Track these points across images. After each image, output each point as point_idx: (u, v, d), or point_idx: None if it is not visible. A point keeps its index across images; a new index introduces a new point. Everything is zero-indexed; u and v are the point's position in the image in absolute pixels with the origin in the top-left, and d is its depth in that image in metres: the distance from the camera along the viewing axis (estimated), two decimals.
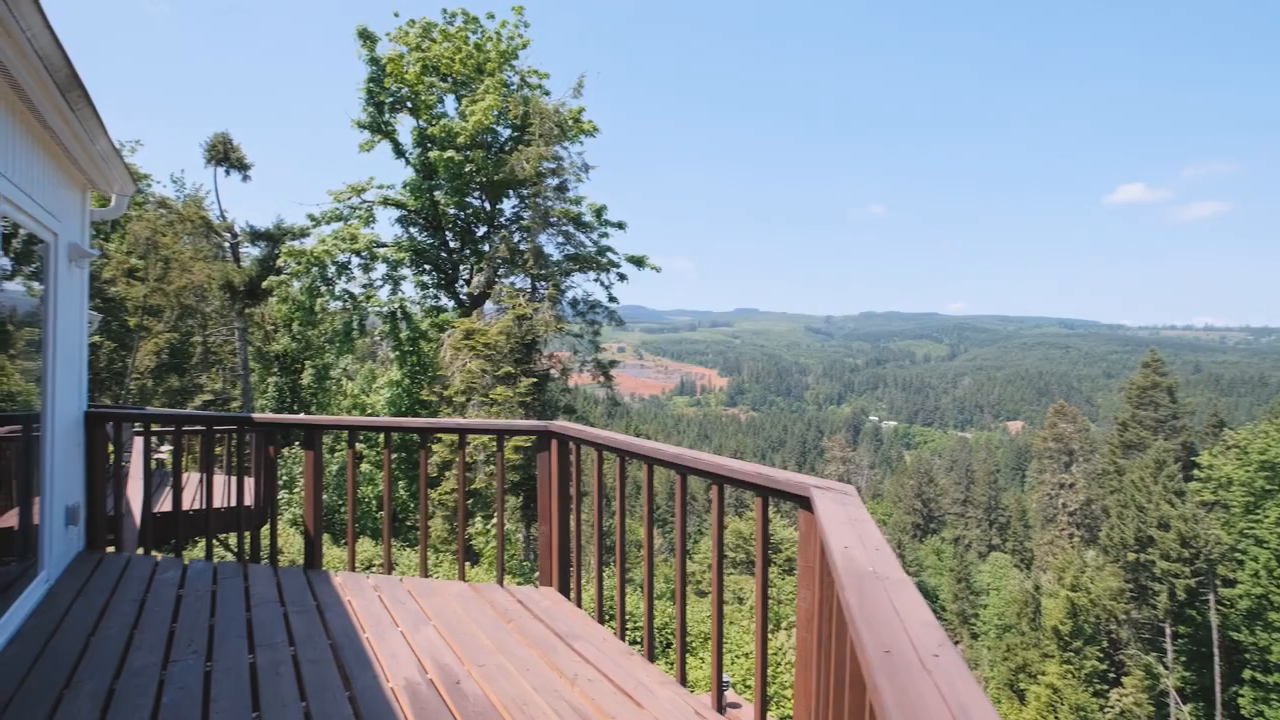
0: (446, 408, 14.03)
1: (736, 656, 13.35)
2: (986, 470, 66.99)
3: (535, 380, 14.24)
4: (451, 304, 18.58)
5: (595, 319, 17.40)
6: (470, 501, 14.67)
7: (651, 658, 3.52)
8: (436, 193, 17.53)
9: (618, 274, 17.75)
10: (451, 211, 17.99)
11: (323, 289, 16.66)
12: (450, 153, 15.78)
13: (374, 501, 17.09)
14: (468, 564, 12.68)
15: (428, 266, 18.40)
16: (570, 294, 17.01)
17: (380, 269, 17.36)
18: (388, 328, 17.63)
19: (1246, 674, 27.71)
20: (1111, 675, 31.52)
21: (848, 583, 1.37)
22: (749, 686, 10.74)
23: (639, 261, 18.23)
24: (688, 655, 12.25)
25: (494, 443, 12.82)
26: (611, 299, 17.78)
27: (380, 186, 17.71)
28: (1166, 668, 29.71)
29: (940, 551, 56.41)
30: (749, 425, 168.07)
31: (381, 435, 5.84)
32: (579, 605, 4.31)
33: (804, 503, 2.36)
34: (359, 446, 17.73)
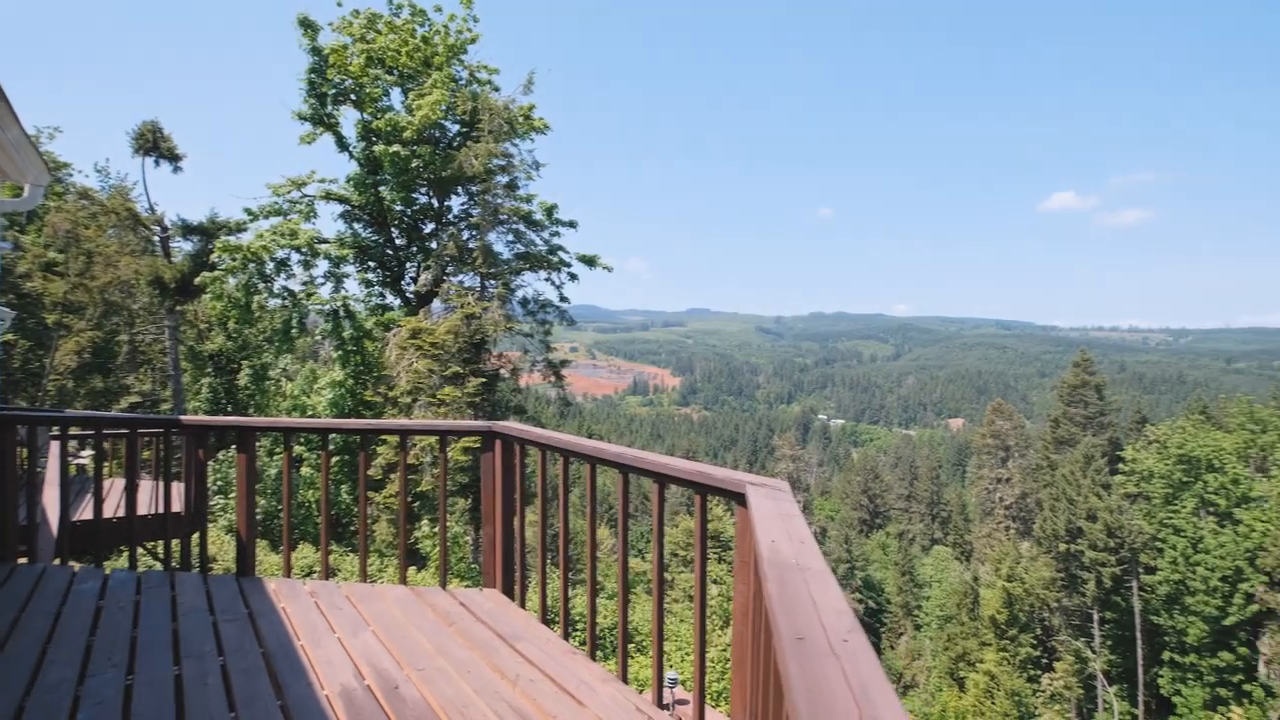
0: (392, 409, 13.71)
1: (689, 654, 13.45)
2: (929, 466, 69.24)
3: (484, 380, 14.05)
4: (397, 302, 18.15)
5: (546, 318, 17.28)
6: (416, 504, 14.39)
7: (594, 656, 3.53)
8: (382, 188, 17.11)
9: (569, 273, 17.67)
10: (397, 208, 17.58)
11: (260, 286, 16.04)
12: (396, 147, 15.41)
13: (316, 506, 16.56)
14: (414, 568, 12.43)
15: (372, 264, 17.93)
16: (520, 293, 16.87)
17: (322, 266, 16.85)
18: (330, 326, 17.10)
19: (1166, 655, 29.42)
20: (1044, 661, 33.00)
21: (770, 574, 1.40)
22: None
23: (590, 261, 18.18)
24: (639, 654, 12.28)
25: (440, 444, 12.64)
26: (563, 298, 17.70)
27: (322, 181, 17.17)
28: (1094, 652, 31.29)
29: (885, 546, 57.99)
30: (701, 424, 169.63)
31: (320, 437, 5.68)
32: (523, 606, 4.28)
33: (740, 499, 2.40)
34: (299, 449, 17.23)
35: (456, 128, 17.29)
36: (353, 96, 16.77)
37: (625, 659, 3.28)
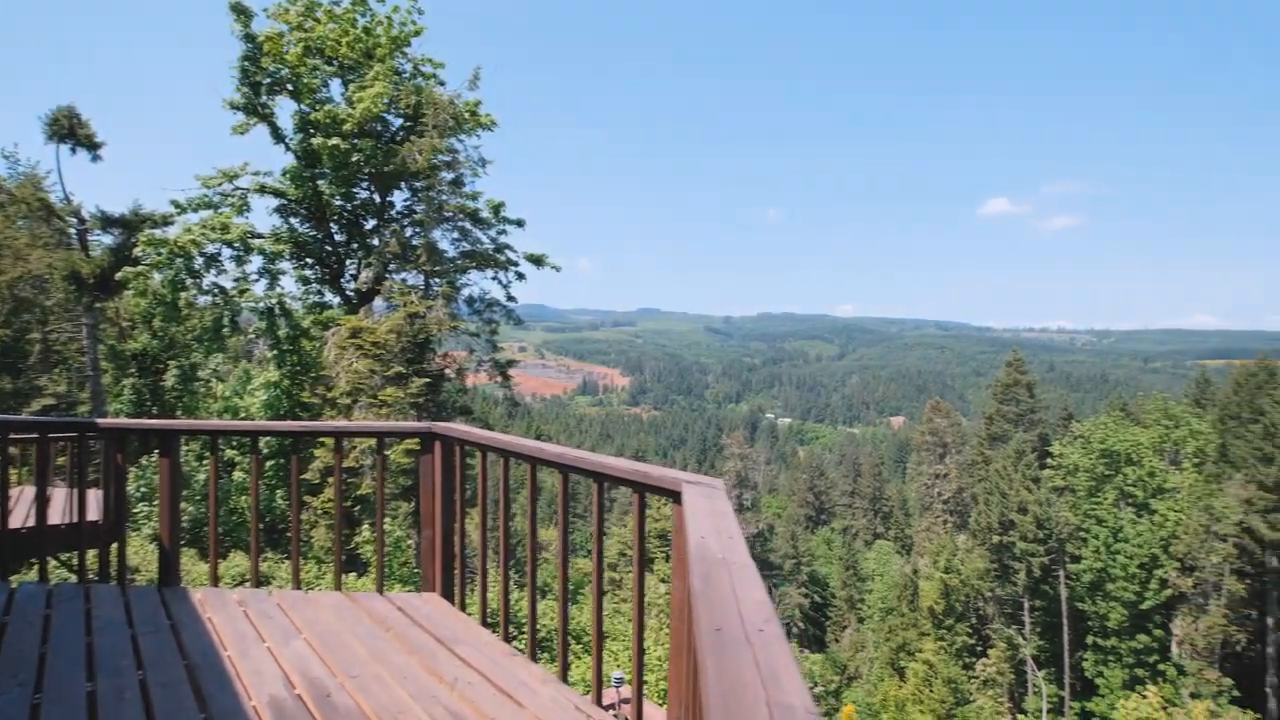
0: (330, 410, 13.29)
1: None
2: (872, 463, 71.28)
3: (428, 381, 13.78)
4: (337, 300, 17.60)
5: (493, 318, 17.05)
6: (357, 509, 14.01)
7: (535, 658, 3.51)
8: (320, 182, 16.56)
9: (516, 272, 17.49)
10: (337, 202, 17.05)
11: (189, 282, 15.31)
12: (336, 140, 14.94)
13: (250, 512, 15.85)
14: (354, 575, 12.11)
15: (310, 260, 17.33)
16: (466, 292, 16.58)
17: (256, 261, 16.18)
18: (264, 325, 16.45)
19: (1089, 639, 31.09)
20: (979, 649, 34.41)
21: (696, 569, 1.43)
22: (645, 681, 10.89)
23: (538, 260, 18.04)
24: (587, 655, 12.26)
25: (378, 446, 12.32)
26: (510, 298, 17.50)
27: (256, 173, 16.51)
28: (1024, 638, 32.79)
29: (830, 541, 59.42)
30: (651, 424, 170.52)
31: (251, 440, 5.46)
32: (463, 610, 4.23)
33: (676, 497, 2.44)
34: (231, 453, 16.53)
35: (400, 122, 16.89)
36: (289, 86, 16.16)
37: (566, 659, 3.28)
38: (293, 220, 17.08)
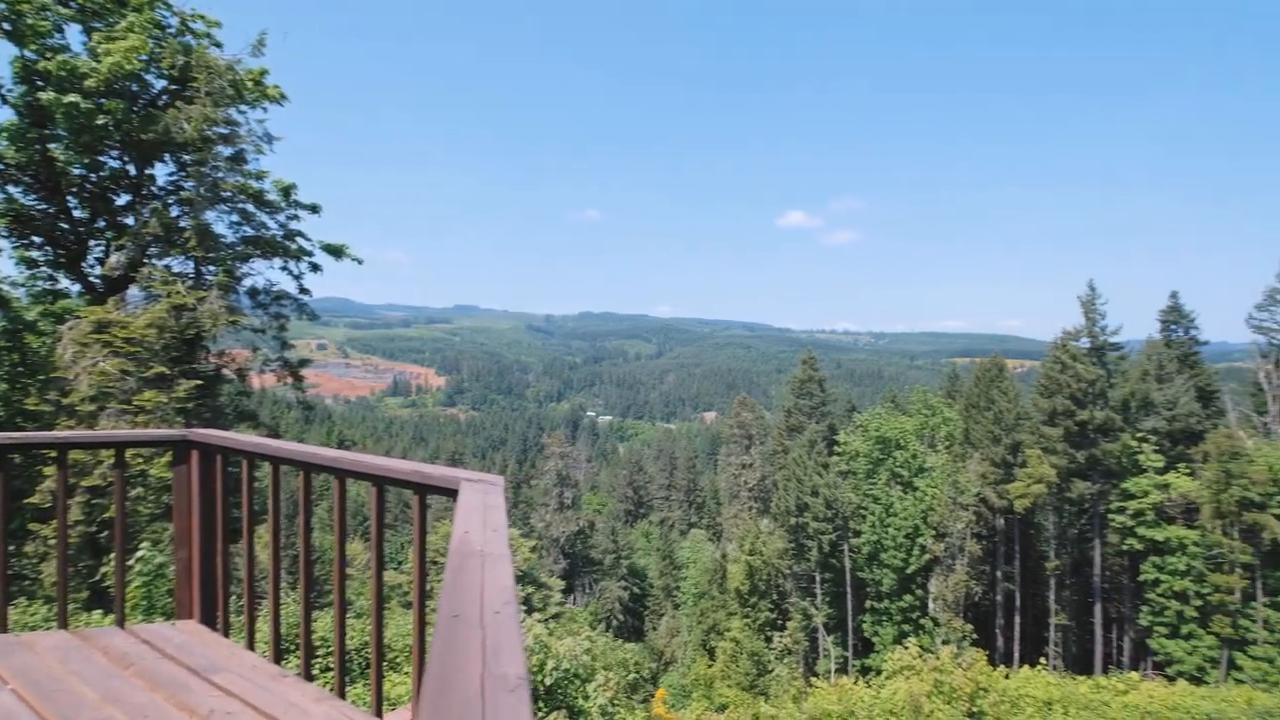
0: (68, 419, 11.12)
1: None
2: (687, 457, 75.13)
3: (200, 383, 12.08)
4: (76, 288, 14.71)
5: (282, 311, 15.31)
6: (105, 535, 11.89)
7: (310, 677, 3.19)
8: (53, 145, 13.71)
9: (310, 263, 15.88)
10: (76, 171, 14.20)
11: None
12: (74, 97, 12.42)
13: None
14: (100, 612, 10.26)
15: (38, 239, 14.30)
16: (249, 282, 14.67)
17: None
18: None
19: (868, 604, 35.41)
20: (779, 622, 37.74)
21: (452, 562, 1.41)
22: None
23: (337, 251, 16.52)
24: (391, 671, 11.50)
25: (137, 460, 10.56)
26: (303, 290, 15.82)
27: None
28: (817, 608, 36.53)
29: (649, 534, 61.80)
30: (469, 425, 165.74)
31: None
32: (226, 635, 3.74)
33: (455, 495, 2.39)
34: None
35: (163, 84, 14.55)
36: (5, 26, 13.21)
37: (343, 674, 3.03)
38: (12, 189, 13.95)
